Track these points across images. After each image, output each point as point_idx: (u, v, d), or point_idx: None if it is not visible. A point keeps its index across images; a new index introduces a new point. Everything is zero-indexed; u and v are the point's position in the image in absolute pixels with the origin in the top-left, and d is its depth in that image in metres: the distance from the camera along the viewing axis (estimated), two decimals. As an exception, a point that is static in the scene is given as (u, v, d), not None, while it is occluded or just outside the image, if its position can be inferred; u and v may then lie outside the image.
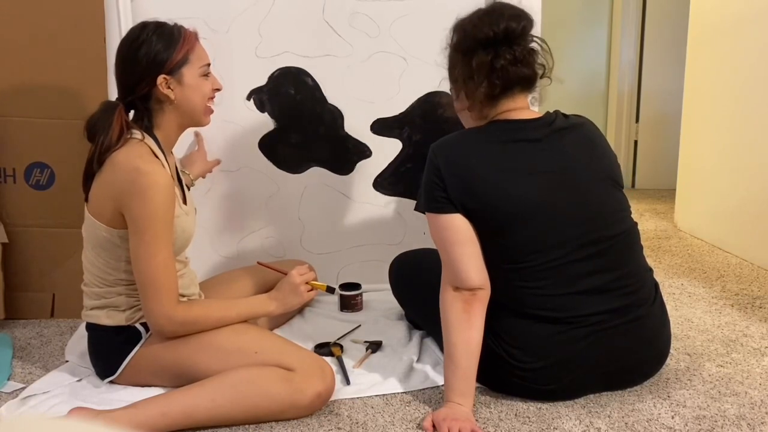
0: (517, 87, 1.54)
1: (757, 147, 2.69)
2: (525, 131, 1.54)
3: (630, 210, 1.63)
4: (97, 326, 1.60)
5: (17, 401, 1.59)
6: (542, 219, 1.50)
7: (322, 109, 2.25)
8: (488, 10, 1.55)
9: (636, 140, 4.41)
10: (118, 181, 1.49)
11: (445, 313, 1.51)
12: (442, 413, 1.45)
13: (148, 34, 1.56)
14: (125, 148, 1.51)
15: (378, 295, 2.22)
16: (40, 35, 2.05)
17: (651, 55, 4.29)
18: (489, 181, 1.50)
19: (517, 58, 1.50)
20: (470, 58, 1.51)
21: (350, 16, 2.19)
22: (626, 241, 1.59)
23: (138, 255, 1.48)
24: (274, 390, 1.46)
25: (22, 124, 2.08)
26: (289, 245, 2.32)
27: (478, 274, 1.49)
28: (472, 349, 1.48)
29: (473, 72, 1.51)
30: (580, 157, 1.55)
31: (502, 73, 1.50)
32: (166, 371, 1.58)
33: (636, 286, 1.58)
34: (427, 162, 1.56)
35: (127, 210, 1.48)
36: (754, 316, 2.14)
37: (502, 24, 1.49)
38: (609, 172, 1.59)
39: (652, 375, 1.69)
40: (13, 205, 2.11)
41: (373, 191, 2.31)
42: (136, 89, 1.56)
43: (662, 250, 2.96)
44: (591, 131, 1.62)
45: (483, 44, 1.50)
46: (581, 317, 1.51)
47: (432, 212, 1.53)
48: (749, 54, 2.73)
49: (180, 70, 1.57)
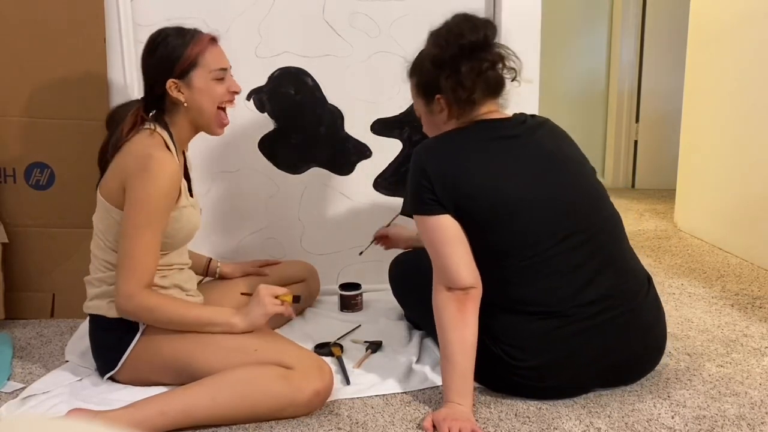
0: (493, 91, 1.58)
1: (758, 147, 2.69)
2: (504, 129, 1.59)
3: (608, 196, 1.66)
4: (99, 318, 1.61)
5: (17, 401, 1.59)
6: (529, 212, 1.52)
7: (322, 109, 2.25)
8: (462, 19, 1.58)
9: (636, 140, 4.41)
10: (129, 164, 1.54)
11: (439, 313, 1.52)
12: (442, 413, 1.46)
13: (163, 38, 1.62)
14: (138, 136, 1.58)
15: (378, 295, 2.22)
16: (40, 35, 2.05)
17: (651, 55, 4.29)
18: (476, 179, 1.52)
19: (493, 64, 1.55)
20: (457, 66, 1.53)
21: (350, 16, 2.19)
22: (611, 226, 1.62)
23: (126, 232, 1.52)
24: (273, 388, 1.47)
25: (22, 124, 2.08)
26: (289, 245, 2.32)
27: (470, 273, 1.51)
28: (467, 348, 1.49)
29: (462, 78, 1.53)
30: (556, 149, 1.61)
31: (487, 77, 1.54)
32: (166, 366, 1.58)
33: (625, 270, 1.59)
34: (411, 165, 1.58)
35: (130, 189, 1.52)
36: (754, 316, 2.14)
37: (482, 31, 1.54)
38: (584, 160, 1.65)
39: (650, 370, 1.69)
40: (13, 205, 2.11)
41: (373, 191, 2.31)
42: (153, 90, 1.62)
43: (662, 250, 2.96)
44: (556, 127, 1.69)
45: (467, 51, 1.53)
46: (574, 308, 1.52)
47: (421, 214, 1.54)
48: (749, 54, 2.73)
49: (189, 74, 1.61)
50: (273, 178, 2.28)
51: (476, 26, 1.54)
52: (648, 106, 4.34)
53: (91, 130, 2.08)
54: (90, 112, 2.08)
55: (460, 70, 1.53)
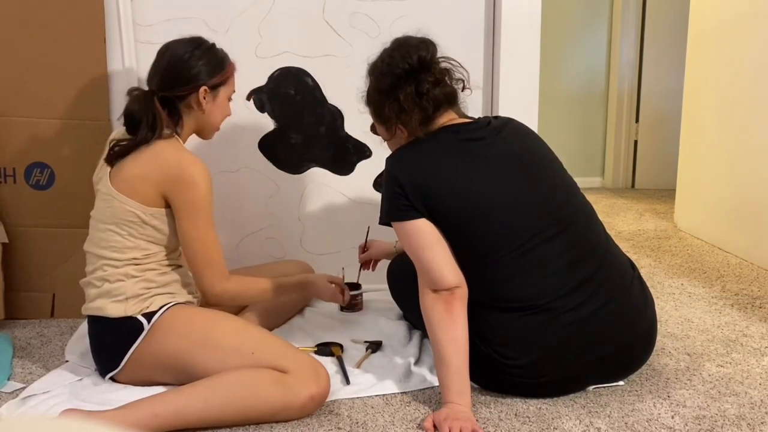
0: (445, 104, 1.63)
1: (757, 147, 2.69)
2: (468, 132, 1.63)
3: (578, 187, 1.70)
4: (100, 319, 1.61)
5: (17, 401, 1.59)
6: (501, 209, 1.56)
7: (322, 109, 2.25)
8: (395, 47, 1.64)
9: (636, 140, 4.41)
10: (165, 169, 1.61)
11: (428, 316, 1.54)
12: (443, 413, 1.46)
13: (208, 48, 1.72)
14: (163, 141, 1.65)
15: (378, 295, 2.22)
16: (40, 35, 2.05)
17: (651, 55, 4.29)
18: (446, 182, 1.57)
19: (438, 80, 1.60)
20: (396, 94, 1.60)
21: (350, 16, 2.19)
22: (584, 216, 1.65)
23: (193, 236, 1.62)
24: (267, 392, 1.47)
25: (22, 124, 2.08)
26: (289, 245, 2.32)
27: (453, 273, 1.54)
28: (460, 347, 1.51)
29: (402, 104, 1.60)
30: (522, 146, 1.66)
31: (428, 97, 1.60)
32: (166, 366, 1.58)
33: (605, 256, 1.61)
34: (384, 174, 1.64)
35: (177, 195, 1.60)
36: (754, 316, 2.14)
37: (414, 55, 1.59)
38: (551, 155, 1.69)
39: (645, 359, 1.69)
40: (13, 205, 2.11)
41: (373, 191, 2.31)
42: (176, 89, 1.67)
43: (662, 250, 2.96)
44: (521, 125, 1.73)
45: (402, 78, 1.59)
46: (560, 299, 1.53)
47: (397, 221, 1.59)
48: (749, 54, 2.73)
49: (218, 88, 1.73)
50: (273, 178, 2.28)
51: (408, 52, 1.60)
52: (648, 106, 4.34)
53: (91, 130, 2.08)
54: (90, 112, 2.08)
55: (398, 98, 1.59)
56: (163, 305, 1.61)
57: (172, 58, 1.69)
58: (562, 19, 4.35)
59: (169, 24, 2.12)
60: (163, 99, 1.67)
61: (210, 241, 1.63)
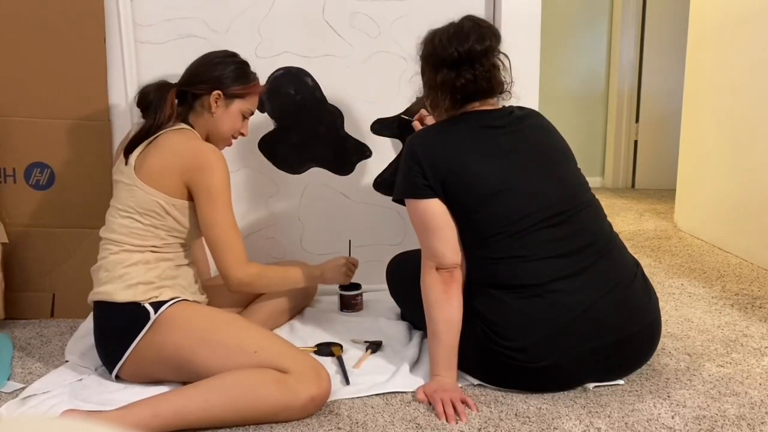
0: (476, 100, 1.69)
1: (757, 147, 2.69)
2: (491, 119, 1.69)
3: (589, 186, 1.73)
4: (107, 305, 1.61)
5: (17, 401, 1.59)
6: (511, 193, 1.61)
7: (322, 109, 2.25)
8: (457, 30, 1.67)
9: (636, 140, 4.42)
10: (185, 157, 1.65)
11: (426, 294, 1.64)
12: (432, 386, 1.58)
13: (240, 61, 1.80)
14: (180, 131, 1.70)
15: (378, 295, 2.22)
16: (40, 35, 2.05)
17: (651, 55, 4.29)
18: (464, 163, 1.62)
19: (477, 77, 1.64)
20: (436, 73, 1.67)
21: (350, 16, 2.20)
22: (590, 209, 1.68)
23: (212, 220, 1.66)
24: (267, 392, 1.47)
25: (22, 124, 2.08)
26: (289, 245, 2.32)
27: (454, 253, 1.62)
28: (453, 326, 1.60)
29: (438, 86, 1.67)
30: (539, 139, 1.71)
31: (462, 90, 1.65)
32: (168, 362, 1.58)
33: (609, 249, 1.64)
34: (405, 153, 1.70)
35: (198, 182, 1.64)
36: (754, 316, 2.14)
37: (467, 45, 1.63)
38: (566, 151, 1.74)
39: (648, 355, 1.69)
40: (13, 205, 2.11)
41: (373, 191, 2.31)
42: (194, 85, 1.75)
43: (662, 250, 2.96)
44: (543, 119, 1.78)
45: (447, 63, 1.65)
46: (559, 281, 1.55)
47: (412, 198, 1.65)
48: (749, 54, 2.73)
49: (234, 99, 1.77)
50: (273, 178, 2.28)
51: (463, 41, 1.63)
52: (648, 106, 4.35)
53: (91, 130, 2.08)
54: (90, 112, 2.08)
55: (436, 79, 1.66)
56: (172, 298, 1.62)
57: (204, 59, 1.78)
58: (562, 19, 4.35)
59: (169, 24, 2.13)
60: (181, 92, 1.74)
61: (229, 225, 1.67)
